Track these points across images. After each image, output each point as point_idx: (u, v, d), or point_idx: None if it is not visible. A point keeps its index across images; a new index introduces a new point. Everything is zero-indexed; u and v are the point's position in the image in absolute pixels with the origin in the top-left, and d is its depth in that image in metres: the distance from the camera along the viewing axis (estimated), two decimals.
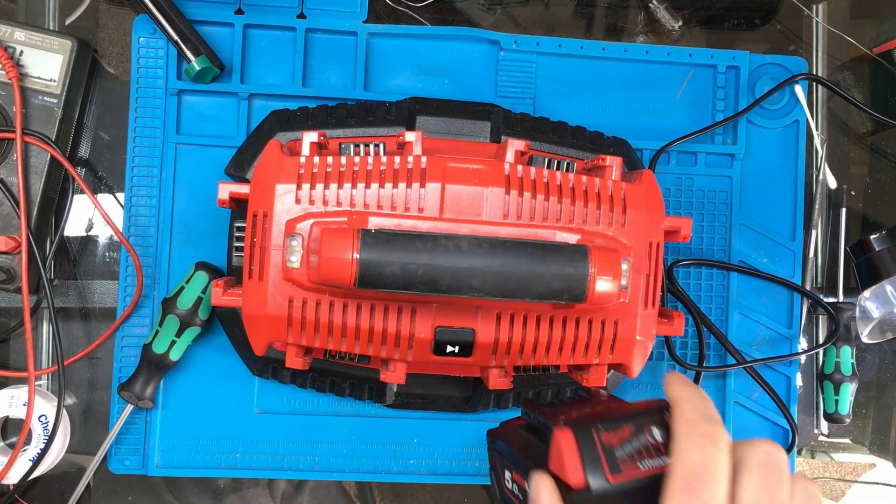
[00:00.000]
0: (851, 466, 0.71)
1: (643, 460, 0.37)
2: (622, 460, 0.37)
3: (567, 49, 0.65)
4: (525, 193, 0.47)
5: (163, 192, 0.62)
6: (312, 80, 0.64)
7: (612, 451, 0.37)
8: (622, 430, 0.38)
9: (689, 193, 0.66)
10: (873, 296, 0.64)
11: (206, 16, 0.62)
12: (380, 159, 0.47)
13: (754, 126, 0.66)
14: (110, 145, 0.64)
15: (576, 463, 0.37)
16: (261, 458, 0.62)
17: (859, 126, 0.70)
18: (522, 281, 0.42)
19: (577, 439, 0.37)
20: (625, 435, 0.37)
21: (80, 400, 0.63)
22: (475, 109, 0.59)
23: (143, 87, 0.62)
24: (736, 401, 0.65)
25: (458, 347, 0.48)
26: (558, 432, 0.37)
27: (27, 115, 0.59)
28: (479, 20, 0.67)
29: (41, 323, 0.62)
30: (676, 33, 0.68)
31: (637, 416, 0.38)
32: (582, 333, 0.49)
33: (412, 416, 0.63)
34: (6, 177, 0.58)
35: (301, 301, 0.47)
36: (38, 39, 0.59)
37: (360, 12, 0.63)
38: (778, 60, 0.66)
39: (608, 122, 0.65)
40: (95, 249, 0.63)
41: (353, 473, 0.63)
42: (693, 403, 0.35)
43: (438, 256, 0.42)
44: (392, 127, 0.56)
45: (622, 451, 0.37)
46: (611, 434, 0.37)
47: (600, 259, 0.43)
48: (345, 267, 0.41)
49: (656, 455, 0.37)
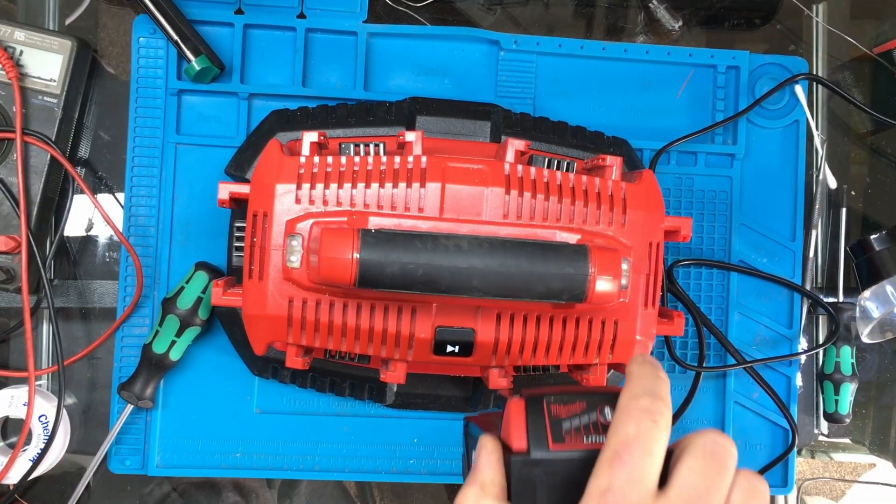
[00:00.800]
0: (851, 466, 0.71)
1: (589, 435, 0.38)
2: (567, 432, 0.38)
3: (567, 49, 0.65)
4: (525, 193, 0.47)
5: (163, 192, 0.62)
6: (312, 80, 0.64)
7: (559, 422, 0.38)
8: (573, 405, 0.39)
9: (689, 193, 0.66)
10: (873, 296, 0.64)
11: (206, 16, 0.62)
12: (380, 159, 0.47)
13: (754, 126, 0.66)
14: (110, 145, 0.64)
15: (521, 428, 0.38)
16: (261, 458, 0.62)
17: (859, 126, 0.70)
18: (522, 281, 0.42)
19: (526, 407, 0.39)
20: (575, 409, 0.39)
21: (80, 400, 0.63)
22: (475, 109, 0.59)
23: (143, 87, 0.62)
24: (736, 401, 0.65)
25: (458, 347, 0.48)
26: (511, 401, 0.40)
27: (27, 115, 0.59)
28: (479, 20, 0.67)
29: (41, 323, 0.62)
30: (676, 33, 0.68)
31: (592, 395, 0.40)
32: (582, 333, 0.49)
33: (412, 416, 0.63)
34: (6, 177, 0.58)
35: (301, 301, 0.47)
36: (38, 39, 0.59)
37: (360, 12, 0.63)
38: (778, 60, 0.66)
39: (608, 122, 0.65)
40: (95, 249, 0.63)
41: (353, 473, 0.63)
42: (643, 380, 0.35)
43: (438, 256, 0.42)
44: (392, 127, 0.56)
45: (569, 423, 0.38)
46: (561, 407, 0.39)
47: (600, 259, 0.43)
48: (345, 267, 0.41)
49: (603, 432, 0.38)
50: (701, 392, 0.64)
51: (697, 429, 0.66)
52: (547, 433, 0.38)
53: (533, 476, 0.38)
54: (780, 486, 0.65)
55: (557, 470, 0.38)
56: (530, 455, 0.38)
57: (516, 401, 0.40)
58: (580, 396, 0.40)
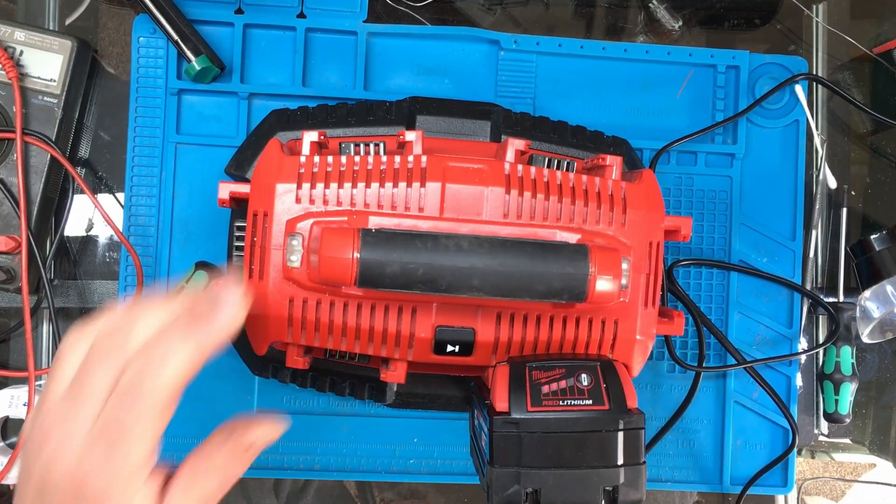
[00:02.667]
0: (851, 466, 0.71)
1: (566, 399, 0.44)
2: (546, 396, 0.44)
3: (567, 49, 0.65)
4: (525, 193, 0.47)
5: (163, 192, 0.62)
6: (312, 79, 0.64)
7: (539, 386, 0.44)
8: (553, 372, 0.45)
9: (689, 193, 0.66)
10: (873, 296, 0.64)
11: (206, 15, 0.62)
12: (380, 159, 0.47)
13: (754, 126, 0.66)
14: (110, 145, 0.64)
15: (503, 391, 0.44)
16: (261, 458, 0.61)
17: (859, 126, 0.70)
18: (523, 280, 0.42)
19: (510, 372, 0.45)
20: (554, 375, 0.45)
21: None
22: (475, 109, 0.59)
23: (143, 86, 0.62)
24: (736, 400, 0.65)
25: (459, 347, 0.48)
26: (497, 367, 0.46)
27: (27, 115, 0.59)
28: (479, 20, 0.67)
29: (41, 323, 0.62)
30: (676, 33, 0.68)
31: (572, 363, 0.46)
32: (582, 333, 0.49)
33: (412, 416, 0.63)
34: (6, 177, 0.58)
35: (301, 300, 0.47)
36: (38, 39, 0.59)
37: (360, 12, 0.63)
38: (778, 60, 0.66)
39: (608, 121, 0.65)
40: (95, 249, 0.63)
41: (353, 473, 0.63)
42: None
43: (439, 256, 0.42)
44: (392, 126, 0.56)
45: (548, 388, 0.44)
46: (541, 373, 0.45)
47: (600, 258, 0.43)
48: (345, 266, 0.41)
49: (580, 397, 0.44)
50: (701, 392, 0.64)
51: (697, 429, 0.66)
52: (526, 396, 0.44)
53: (512, 434, 0.44)
54: (780, 486, 0.65)
55: (534, 429, 0.44)
56: (510, 415, 0.44)
57: (502, 367, 0.45)
58: (560, 364, 0.46)
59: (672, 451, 0.65)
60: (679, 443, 0.65)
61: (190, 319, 0.36)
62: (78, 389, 0.36)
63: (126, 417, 0.35)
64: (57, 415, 0.36)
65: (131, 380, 0.35)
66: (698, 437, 0.65)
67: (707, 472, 0.65)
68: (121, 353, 0.36)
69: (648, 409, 0.65)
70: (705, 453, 0.65)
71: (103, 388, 0.35)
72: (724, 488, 0.65)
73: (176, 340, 0.36)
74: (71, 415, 0.35)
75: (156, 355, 0.36)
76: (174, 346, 0.36)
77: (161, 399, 0.36)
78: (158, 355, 0.36)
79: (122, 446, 0.35)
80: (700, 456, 0.65)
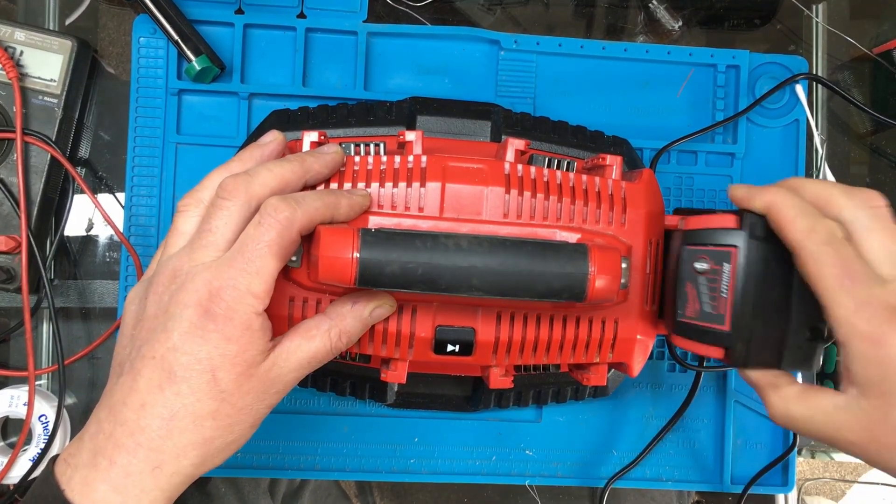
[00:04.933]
0: (851, 466, 0.71)
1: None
2: None
3: (567, 49, 0.65)
4: (525, 192, 0.47)
5: (163, 192, 0.62)
6: (312, 79, 0.64)
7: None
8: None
9: (689, 192, 0.66)
10: None
11: (206, 16, 0.62)
12: (380, 159, 0.47)
13: (754, 125, 0.66)
14: (110, 145, 0.64)
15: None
16: (261, 458, 0.62)
17: (859, 126, 0.70)
18: (523, 280, 0.42)
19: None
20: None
21: (80, 400, 0.63)
22: (475, 109, 0.59)
23: (144, 86, 0.62)
24: (737, 400, 0.65)
25: (459, 346, 0.48)
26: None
27: (27, 116, 0.59)
28: (479, 20, 0.67)
29: (41, 323, 0.62)
30: (676, 33, 0.68)
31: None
32: (582, 332, 0.49)
33: (413, 416, 0.63)
34: (6, 177, 0.58)
35: (301, 300, 0.47)
36: (38, 39, 0.59)
37: (360, 12, 0.63)
38: (778, 60, 0.66)
39: (608, 121, 0.65)
40: (95, 249, 0.63)
41: (353, 473, 0.63)
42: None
43: (439, 255, 0.42)
44: (392, 126, 0.56)
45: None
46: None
47: (600, 258, 0.43)
48: (345, 266, 0.41)
49: None
50: (702, 391, 0.64)
51: (698, 428, 0.66)
52: None
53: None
54: (780, 486, 0.65)
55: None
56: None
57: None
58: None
59: (672, 450, 0.65)
60: (679, 442, 0.65)
61: (311, 185, 0.44)
62: (209, 228, 0.40)
63: (263, 238, 0.39)
64: (185, 255, 0.40)
65: (270, 209, 0.39)
66: (699, 437, 0.65)
67: (707, 472, 0.65)
68: (252, 195, 0.40)
69: (649, 409, 0.65)
70: (706, 453, 0.65)
71: (235, 224, 0.40)
72: (725, 488, 0.65)
73: (310, 194, 0.42)
74: (203, 249, 0.39)
75: (293, 197, 0.40)
76: (308, 196, 0.41)
77: (294, 232, 0.40)
78: (295, 197, 0.40)
79: (256, 265, 0.38)
80: (700, 455, 0.65)
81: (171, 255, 0.41)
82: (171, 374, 0.38)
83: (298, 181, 0.43)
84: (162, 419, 0.38)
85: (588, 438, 0.65)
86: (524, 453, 0.64)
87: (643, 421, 0.65)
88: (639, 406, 0.65)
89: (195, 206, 0.42)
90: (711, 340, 0.46)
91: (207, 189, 0.42)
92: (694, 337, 0.47)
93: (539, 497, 0.65)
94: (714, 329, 0.45)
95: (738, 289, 0.44)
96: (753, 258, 0.44)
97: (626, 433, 0.65)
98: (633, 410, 0.65)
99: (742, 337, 0.44)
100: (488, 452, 0.64)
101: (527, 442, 0.64)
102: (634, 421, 0.65)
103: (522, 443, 0.64)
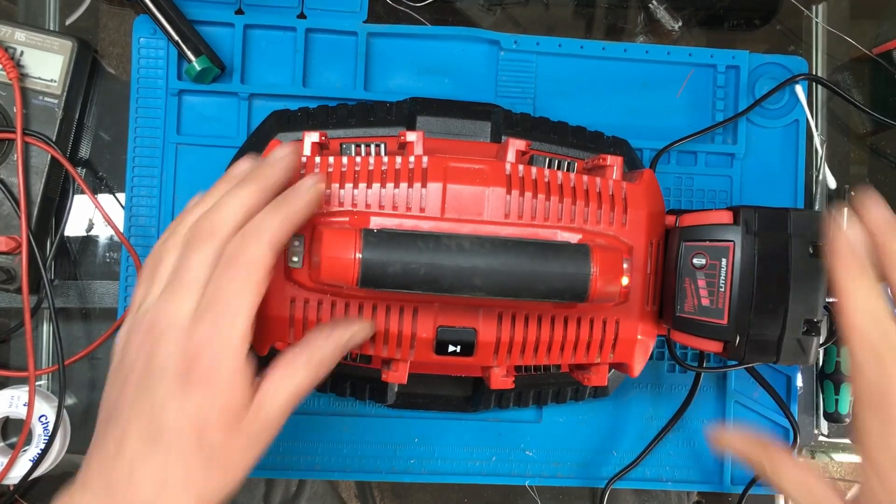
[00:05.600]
0: (851, 466, 0.71)
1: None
2: None
3: (567, 49, 0.65)
4: (526, 193, 0.47)
5: (163, 193, 0.62)
6: (312, 80, 0.64)
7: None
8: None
9: (689, 193, 0.66)
10: None
11: (207, 16, 0.62)
12: (381, 159, 0.47)
13: (754, 126, 0.66)
14: (110, 145, 0.64)
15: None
16: (260, 458, 0.62)
17: (859, 126, 0.70)
18: (524, 280, 0.42)
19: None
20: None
21: (81, 400, 0.63)
22: (475, 109, 0.59)
23: (144, 87, 0.62)
24: (737, 400, 0.65)
25: (460, 347, 0.48)
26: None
27: (27, 116, 0.59)
28: (479, 20, 0.67)
29: (41, 323, 0.62)
30: (676, 33, 0.68)
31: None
32: (583, 333, 0.49)
33: (413, 416, 0.63)
34: (6, 177, 0.58)
35: (303, 301, 0.47)
36: (39, 40, 0.59)
37: (360, 12, 0.63)
38: (778, 60, 0.66)
39: (608, 121, 0.65)
40: (96, 249, 0.63)
41: (353, 473, 0.63)
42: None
43: (440, 256, 0.42)
44: (392, 127, 0.56)
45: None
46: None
47: (601, 258, 0.43)
48: (347, 266, 0.41)
49: None
50: (702, 392, 0.64)
51: (698, 428, 0.66)
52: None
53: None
54: None
55: None
56: None
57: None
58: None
59: (673, 450, 0.65)
60: (680, 442, 0.65)
61: (273, 194, 0.41)
62: (180, 277, 0.38)
63: (230, 287, 0.38)
64: (160, 307, 0.38)
65: (232, 253, 0.38)
66: (699, 437, 0.65)
67: (708, 472, 0.65)
68: (216, 237, 0.39)
69: (649, 409, 0.65)
70: (706, 453, 0.65)
71: (205, 270, 0.38)
72: (725, 488, 0.65)
73: (267, 213, 0.40)
74: (176, 300, 0.38)
75: (250, 229, 0.39)
76: (265, 219, 0.39)
77: (261, 269, 0.38)
78: (253, 229, 0.39)
79: (229, 317, 0.37)
80: (701, 455, 0.65)
81: (147, 305, 0.39)
82: (157, 437, 0.37)
83: (263, 203, 0.41)
84: (153, 485, 0.37)
85: (588, 439, 0.65)
86: (524, 454, 0.64)
87: (643, 421, 0.65)
88: (639, 406, 0.65)
89: (174, 249, 0.40)
90: (710, 334, 0.46)
91: (181, 229, 0.41)
92: (692, 331, 0.47)
93: (539, 497, 0.65)
94: (712, 323, 0.46)
95: (736, 283, 0.44)
96: (750, 253, 0.44)
97: (626, 433, 0.65)
98: (633, 411, 0.65)
99: (740, 330, 0.44)
100: (488, 453, 0.64)
101: (527, 442, 0.64)
102: (634, 421, 0.65)
103: (522, 443, 0.64)
